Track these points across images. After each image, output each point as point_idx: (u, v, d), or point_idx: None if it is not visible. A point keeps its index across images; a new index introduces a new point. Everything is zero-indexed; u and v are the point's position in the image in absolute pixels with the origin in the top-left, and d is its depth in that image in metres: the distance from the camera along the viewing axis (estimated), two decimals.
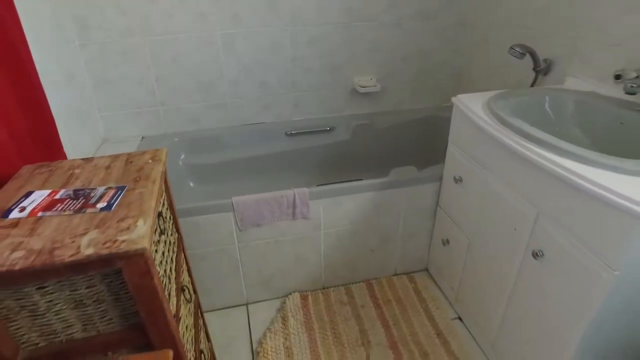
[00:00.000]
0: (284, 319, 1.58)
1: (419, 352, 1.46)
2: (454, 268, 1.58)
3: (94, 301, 0.80)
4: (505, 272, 1.25)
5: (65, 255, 0.68)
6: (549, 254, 1.06)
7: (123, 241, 0.70)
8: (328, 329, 1.54)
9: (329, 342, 1.50)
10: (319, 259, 1.64)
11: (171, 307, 0.86)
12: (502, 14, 1.82)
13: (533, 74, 1.63)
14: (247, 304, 1.66)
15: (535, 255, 1.09)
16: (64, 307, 0.79)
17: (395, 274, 1.80)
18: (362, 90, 2.02)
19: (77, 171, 0.95)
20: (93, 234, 0.73)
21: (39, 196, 0.85)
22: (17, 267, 0.66)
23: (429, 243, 1.75)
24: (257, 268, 1.58)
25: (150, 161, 0.97)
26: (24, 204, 0.83)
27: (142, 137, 1.87)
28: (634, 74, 1.17)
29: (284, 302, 1.65)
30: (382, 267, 1.76)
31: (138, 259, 0.71)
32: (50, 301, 0.78)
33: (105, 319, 0.83)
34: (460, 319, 1.59)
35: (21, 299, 0.76)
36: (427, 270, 1.83)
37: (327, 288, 1.73)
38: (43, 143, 1.21)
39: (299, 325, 1.56)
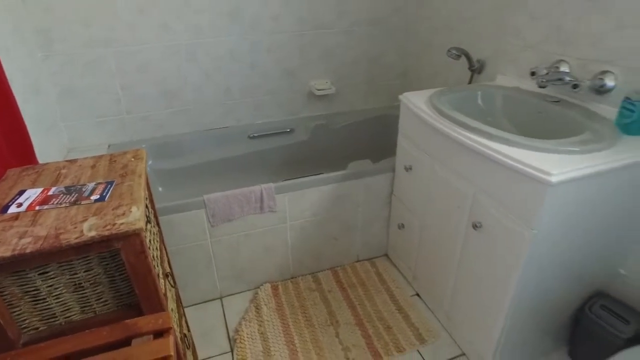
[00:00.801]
0: (257, 308, 1.70)
1: (382, 326, 1.62)
2: (409, 250, 1.77)
3: (92, 284, 0.90)
4: (452, 246, 1.45)
5: (71, 238, 0.78)
6: (486, 224, 1.26)
7: (122, 224, 0.82)
8: (299, 314, 1.68)
9: (301, 325, 1.63)
10: (286, 250, 1.78)
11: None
12: (441, 20, 2.05)
13: (469, 73, 1.86)
14: (221, 298, 1.77)
15: (474, 226, 1.29)
16: (64, 291, 0.89)
17: (358, 260, 1.96)
18: (318, 93, 2.18)
19: (64, 171, 1.04)
20: (92, 220, 0.83)
21: (32, 193, 0.94)
22: (27, 251, 0.76)
23: (387, 229, 1.93)
24: (230, 261, 1.70)
25: (133, 159, 1.08)
26: (19, 200, 0.92)
27: (109, 145, 1.94)
28: (545, 71, 1.41)
29: (256, 293, 1.77)
30: (345, 255, 1.92)
31: (135, 239, 0.83)
32: (51, 286, 0.87)
33: (101, 300, 0.93)
34: (418, 295, 1.78)
35: (24, 284, 0.85)
36: (386, 255, 2.01)
37: (296, 277, 1.87)
38: (18, 151, 1.27)
39: (272, 312, 1.69)
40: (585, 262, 1.28)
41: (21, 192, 0.95)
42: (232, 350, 1.54)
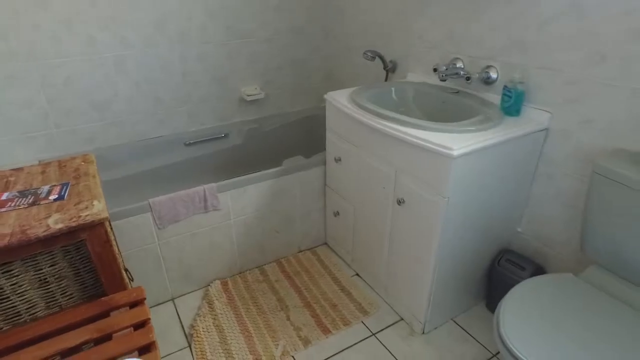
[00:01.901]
0: (210, 303, 1.79)
1: (328, 305, 1.79)
2: (346, 234, 1.96)
3: (57, 278, 0.97)
4: (382, 223, 1.66)
5: (38, 232, 0.86)
6: (408, 199, 1.48)
7: (87, 215, 0.90)
8: (250, 304, 1.80)
9: (253, 314, 1.75)
10: (232, 246, 1.89)
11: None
12: (356, 26, 2.29)
13: (384, 72, 2.11)
14: (173, 299, 1.83)
15: (399, 202, 1.51)
16: (28, 288, 0.95)
17: (300, 251, 2.12)
18: (248, 98, 2.32)
19: (12, 179, 1.09)
20: (56, 216, 0.91)
21: None
22: None
23: (324, 218, 2.11)
24: (179, 262, 1.77)
25: (83, 163, 1.15)
26: None
27: (39, 161, 1.92)
28: (444, 68, 1.68)
29: (207, 290, 1.86)
30: (288, 246, 2.07)
31: (100, 229, 0.92)
32: (15, 284, 0.93)
33: (66, 294, 1.00)
34: (358, 275, 1.97)
35: None
36: (326, 243, 2.19)
37: (244, 272, 1.98)
38: None
39: (224, 305, 1.79)
40: (491, 223, 1.55)
41: None
42: (189, 345, 1.61)
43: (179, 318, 1.74)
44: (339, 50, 2.49)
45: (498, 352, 1.56)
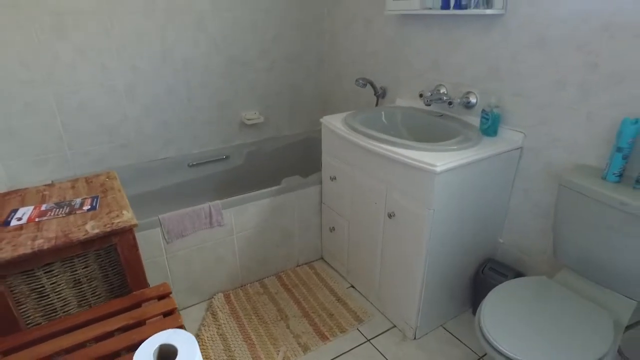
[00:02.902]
0: (214, 314, 1.92)
1: (326, 314, 1.93)
2: (341, 248, 2.11)
3: (88, 279, 1.11)
4: (374, 236, 1.82)
5: (79, 235, 1.01)
6: (398, 212, 1.65)
7: (119, 222, 1.06)
8: (252, 314, 1.93)
9: (255, 323, 1.88)
10: (235, 260, 2.03)
11: None
12: (348, 56, 2.51)
13: (375, 98, 2.31)
14: (178, 311, 1.95)
15: (389, 215, 1.67)
16: (65, 287, 1.09)
17: (298, 265, 2.27)
18: (248, 122, 2.51)
19: (46, 193, 1.24)
20: (92, 223, 1.06)
21: (26, 210, 1.14)
22: (45, 247, 0.97)
23: (320, 234, 2.27)
24: (185, 275, 1.91)
25: (107, 179, 1.31)
26: (17, 216, 1.11)
27: (52, 181, 2.07)
28: (429, 93, 1.88)
29: (211, 303, 1.99)
30: (286, 261, 2.21)
31: (129, 235, 1.07)
32: (54, 283, 1.07)
33: (95, 294, 1.14)
34: (353, 286, 2.12)
35: (32, 282, 1.04)
36: (322, 258, 2.33)
37: (245, 285, 2.11)
38: None
39: (227, 316, 1.91)
40: (474, 234, 1.72)
41: (14, 210, 1.14)
42: None
43: (184, 328, 1.86)
44: (332, 78, 2.70)
45: (484, 355, 1.71)
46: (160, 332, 0.70)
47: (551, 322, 1.24)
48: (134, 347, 0.84)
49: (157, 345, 0.67)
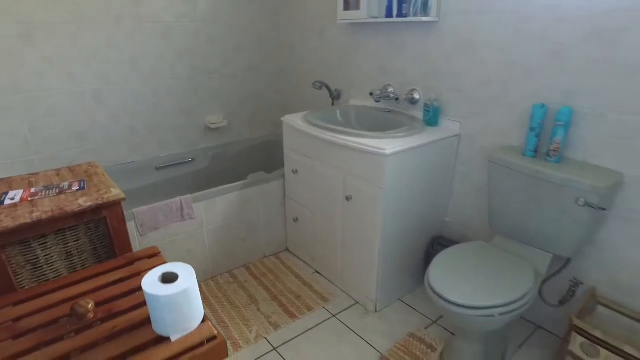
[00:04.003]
0: None
1: (293, 297, 2.09)
2: (305, 237, 2.29)
3: (79, 252, 1.23)
4: (334, 221, 2.01)
5: (73, 208, 1.14)
6: (354, 195, 1.86)
7: (108, 197, 1.19)
8: (224, 301, 2.06)
9: (227, 309, 2.01)
10: (205, 252, 2.16)
11: None
12: (305, 63, 2.74)
13: (331, 100, 2.54)
14: None
15: (347, 198, 1.88)
16: (57, 259, 1.21)
17: (265, 257, 2.42)
18: (213, 126, 2.67)
19: (32, 179, 1.35)
20: (83, 199, 1.19)
21: (17, 192, 1.25)
22: (43, 218, 1.10)
23: (285, 226, 2.44)
24: None
25: (90, 167, 1.43)
26: (9, 196, 1.22)
27: None
28: (378, 92, 2.13)
29: None
30: (254, 253, 2.36)
31: (117, 208, 1.21)
32: (48, 254, 1.19)
33: (85, 266, 1.26)
34: (318, 272, 2.30)
35: (27, 254, 1.16)
36: (287, 249, 2.50)
37: (215, 276, 2.24)
38: None
39: None
40: (423, 214, 1.96)
41: (5, 193, 1.25)
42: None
43: None
44: (292, 84, 2.91)
45: (438, 319, 1.93)
46: (162, 265, 0.85)
47: (486, 274, 1.47)
48: (135, 291, 0.98)
49: (160, 273, 0.83)
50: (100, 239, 1.25)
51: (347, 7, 2.16)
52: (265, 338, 1.84)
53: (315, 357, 1.72)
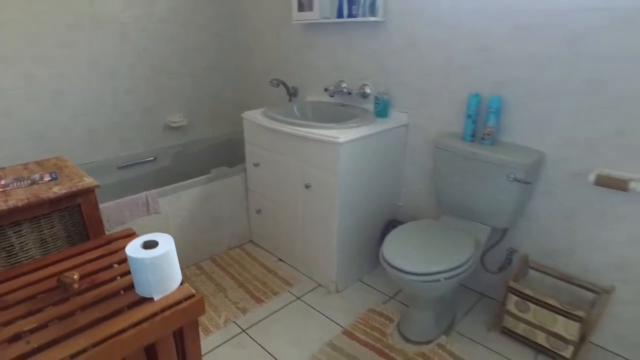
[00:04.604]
0: None
1: (259, 283, 2.21)
2: (268, 227, 2.41)
3: (53, 239, 1.30)
4: (295, 209, 2.15)
5: (49, 195, 1.21)
6: (313, 183, 2.00)
7: (82, 185, 1.27)
8: None
9: None
10: None
11: None
12: (263, 63, 2.86)
13: (288, 97, 2.68)
14: None
15: (306, 186, 2.02)
16: (32, 247, 1.27)
17: (230, 248, 2.52)
18: (174, 125, 2.74)
19: (0, 173, 1.40)
20: (57, 187, 1.27)
21: None
22: (19, 205, 1.16)
23: (248, 219, 2.55)
24: None
25: (58, 161, 1.49)
26: None
27: None
28: (332, 88, 2.29)
29: None
30: (219, 245, 2.46)
31: (91, 195, 1.29)
32: (22, 242, 1.25)
33: None
34: (281, 260, 2.42)
35: (2, 241, 1.22)
36: (251, 241, 2.61)
37: (182, 269, 2.32)
38: None
39: None
40: (377, 199, 2.13)
41: None
42: None
43: None
44: (250, 83, 3.03)
45: (395, 294, 2.10)
46: (142, 235, 0.96)
47: (432, 245, 1.66)
48: (115, 264, 1.07)
49: (142, 241, 0.94)
50: (74, 226, 1.32)
51: (301, 8, 2.31)
52: (234, 322, 1.94)
53: (283, 336, 1.85)
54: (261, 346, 1.79)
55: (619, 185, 1.43)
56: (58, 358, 0.78)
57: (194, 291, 0.95)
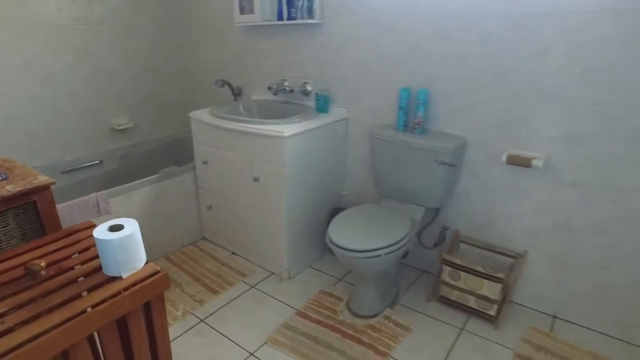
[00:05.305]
0: None
1: (214, 276, 2.30)
2: (220, 222, 2.51)
3: (8, 237, 1.34)
4: (245, 202, 2.26)
5: (3, 192, 1.25)
6: (261, 176, 2.12)
7: (37, 182, 1.32)
8: None
9: None
10: None
11: None
12: (207, 64, 2.94)
13: (233, 97, 2.78)
14: None
15: (255, 180, 2.14)
16: None
17: (183, 246, 2.58)
18: (119, 128, 2.75)
19: None
20: (10, 186, 1.30)
21: None
22: None
23: (199, 216, 2.63)
24: None
25: (4, 162, 1.51)
26: None
27: None
28: (275, 86, 2.43)
29: None
30: (172, 243, 2.52)
31: (47, 192, 1.34)
32: None
33: None
34: (234, 253, 2.52)
35: None
36: (204, 237, 2.69)
37: None
38: None
39: None
40: (322, 189, 2.29)
41: None
42: None
43: None
44: (195, 84, 3.10)
45: (345, 275, 2.27)
46: (107, 221, 1.05)
47: (373, 226, 1.84)
48: (79, 252, 1.14)
49: (108, 225, 1.03)
50: (30, 223, 1.36)
51: (242, 11, 2.43)
52: (192, 313, 2.03)
53: (240, 321, 1.96)
54: (220, 333, 1.89)
55: (524, 162, 1.68)
56: (35, 332, 0.86)
57: (158, 268, 1.06)
